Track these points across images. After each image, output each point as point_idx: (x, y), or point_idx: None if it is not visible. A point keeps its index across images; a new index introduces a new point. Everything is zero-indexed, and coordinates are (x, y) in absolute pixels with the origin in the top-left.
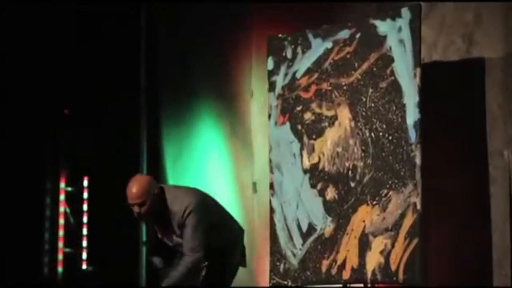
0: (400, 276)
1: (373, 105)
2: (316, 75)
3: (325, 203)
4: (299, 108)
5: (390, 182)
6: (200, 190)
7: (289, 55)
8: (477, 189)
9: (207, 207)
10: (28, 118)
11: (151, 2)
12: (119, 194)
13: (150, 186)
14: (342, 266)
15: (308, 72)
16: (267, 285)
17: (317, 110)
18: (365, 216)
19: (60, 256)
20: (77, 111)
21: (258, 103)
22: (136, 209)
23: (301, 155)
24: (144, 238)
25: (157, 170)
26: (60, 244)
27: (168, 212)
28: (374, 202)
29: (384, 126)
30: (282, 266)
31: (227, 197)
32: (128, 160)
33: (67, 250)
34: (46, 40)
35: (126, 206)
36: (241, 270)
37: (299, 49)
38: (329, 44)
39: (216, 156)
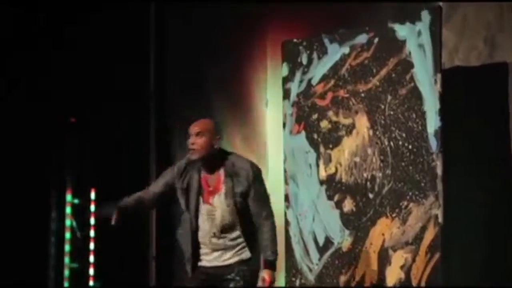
0: None
1: (392, 112)
2: (332, 82)
3: (343, 215)
4: (315, 116)
5: (410, 193)
6: None
7: (304, 61)
8: (502, 199)
9: None
10: (31, 126)
11: (162, 4)
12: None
13: (215, 128)
14: (361, 281)
15: (324, 78)
16: None
17: (334, 118)
18: (385, 229)
19: (66, 272)
20: (84, 118)
21: (273, 112)
22: (191, 139)
23: (317, 165)
24: (154, 253)
25: None
26: (66, 259)
27: (228, 167)
28: (394, 215)
29: (404, 135)
30: (298, 281)
31: None
32: (137, 171)
33: (73, 265)
34: (49, 45)
35: (135, 219)
36: None
37: (314, 55)
38: (346, 49)
39: None
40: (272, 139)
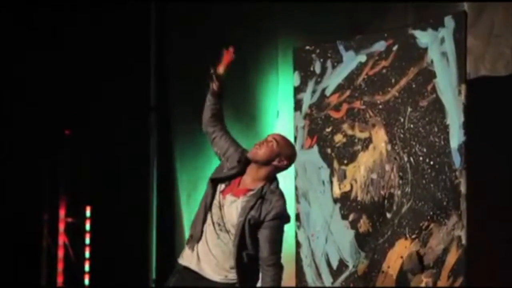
0: None
1: (412, 126)
2: (348, 93)
3: (358, 236)
4: (328, 130)
5: (431, 213)
6: None
7: (317, 69)
8: None
9: None
10: (23, 138)
11: (162, 7)
12: (125, 226)
13: (290, 152)
14: None
15: (339, 89)
16: None
17: (349, 132)
18: (403, 252)
19: None
20: (79, 131)
21: (284, 124)
22: (262, 140)
23: (331, 182)
24: (154, 276)
25: (168, 202)
26: (59, 281)
27: (263, 190)
28: (414, 236)
29: (425, 150)
30: None
31: None
32: (135, 187)
33: None
34: (43, 52)
35: (133, 239)
36: None
37: (328, 63)
38: (362, 58)
39: None
40: None
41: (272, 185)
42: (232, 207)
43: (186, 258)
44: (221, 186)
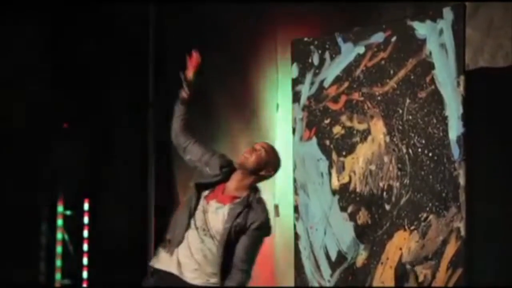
0: None
1: (410, 117)
2: (346, 84)
3: (357, 228)
4: (327, 121)
5: (430, 204)
6: None
7: (315, 61)
8: None
9: None
10: (21, 132)
11: (162, 4)
12: (123, 219)
13: (277, 163)
14: None
15: (337, 80)
16: None
17: (348, 124)
18: (402, 243)
19: None
20: (77, 125)
21: (284, 116)
22: (250, 149)
23: (330, 174)
24: (152, 268)
25: (167, 196)
26: (58, 275)
27: (249, 199)
28: (412, 227)
29: (423, 142)
30: None
31: None
32: (134, 181)
33: (65, 282)
34: (43, 51)
35: (131, 232)
36: None
37: (327, 55)
38: (361, 49)
39: None
40: (281, 145)
41: (257, 195)
42: (218, 214)
43: (164, 262)
44: (204, 192)
